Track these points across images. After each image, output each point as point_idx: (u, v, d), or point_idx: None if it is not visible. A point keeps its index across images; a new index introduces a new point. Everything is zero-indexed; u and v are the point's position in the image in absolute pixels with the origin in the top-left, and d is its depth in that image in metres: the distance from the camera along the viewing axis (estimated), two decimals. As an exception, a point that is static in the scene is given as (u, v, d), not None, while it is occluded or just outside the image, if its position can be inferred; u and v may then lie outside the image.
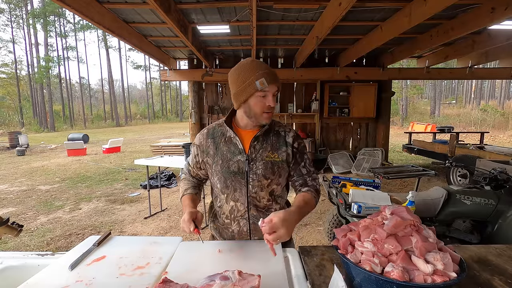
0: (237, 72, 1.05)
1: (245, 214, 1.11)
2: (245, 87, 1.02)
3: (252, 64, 1.04)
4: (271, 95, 1.03)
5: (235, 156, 1.09)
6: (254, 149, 1.09)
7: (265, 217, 1.07)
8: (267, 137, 1.12)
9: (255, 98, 1.03)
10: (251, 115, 1.07)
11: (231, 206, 1.12)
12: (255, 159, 1.08)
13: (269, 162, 1.09)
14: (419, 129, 15.89)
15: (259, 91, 1.01)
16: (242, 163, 1.08)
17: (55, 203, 4.76)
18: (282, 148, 1.12)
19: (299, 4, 3.61)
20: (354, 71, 6.26)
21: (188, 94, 7.52)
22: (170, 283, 0.73)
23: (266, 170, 1.08)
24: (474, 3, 3.52)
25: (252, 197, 1.10)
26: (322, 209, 4.20)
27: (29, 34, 29.66)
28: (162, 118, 42.41)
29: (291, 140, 1.14)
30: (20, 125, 26.76)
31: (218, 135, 1.14)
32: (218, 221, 1.19)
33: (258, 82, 0.99)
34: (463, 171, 5.11)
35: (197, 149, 1.16)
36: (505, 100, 30.25)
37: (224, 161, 1.09)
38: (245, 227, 1.12)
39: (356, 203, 2.15)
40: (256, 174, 1.08)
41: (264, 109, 1.04)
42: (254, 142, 1.10)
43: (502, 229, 2.01)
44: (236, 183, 1.09)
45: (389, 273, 0.64)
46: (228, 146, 1.10)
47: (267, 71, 1.02)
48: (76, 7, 2.96)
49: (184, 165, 1.26)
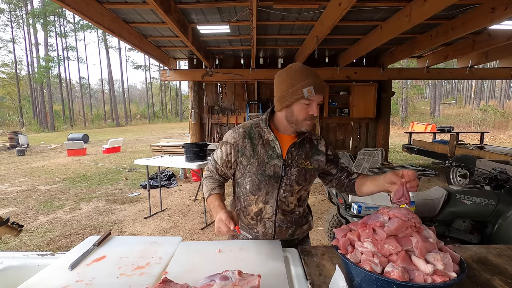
0: (286, 75, 1.04)
1: (272, 217, 1.12)
2: (292, 92, 1.01)
3: (302, 70, 1.02)
4: (315, 104, 1.02)
5: (272, 159, 1.08)
6: (291, 155, 1.10)
7: (290, 220, 1.14)
8: (302, 144, 1.14)
9: (300, 105, 1.02)
10: (292, 120, 1.05)
11: (259, 208, 1.12)
12: (291, 165, 1.09)
13: (303, 169, 1.10)
14: (419, 129, 15.90)
15: (305, 98, 1.00)
16: (279, 167, 1.08)
17: (55, 203, 4.76)
18: (314, 157, 1.14)
19: (299, 4, 3.61)
20: (354, 71, 6.26)
21: (188, 94, 7.52)
22: (170, 283, 0.73)
23: (300, 176, 1.10)
24: (474, 3, 3.52)
25: (281, 201, 1.11)
26: (322, 209, 4.20)
27: (29, 34, 29.67)
28: (162, 118, 42.42)
29: (324, 148, 1.17)
30: (20, 125, 26.77)
31: (255, 136, 1.11)
32: (243, 221, 1.17)
33: (306, 90, 0.98)
34: (463, 171, 5.11)
35: (231, 148, 1.11)
36: (505, 100, 30.25)
37: (260, 164, 1.08)
38: (271, 229, 1.13)
39: (356, 203, 2.15)
40: (290, 179, 1.09)
41: (306, 117, 1.03)
42: (292, 148, 1.10)
43: (502, 229, 2.01)
44: (269, 187, 1.09)
45: (389, 273, 0.63)
46: (266, 149, 1.09)
47: (316, 80, 1.00)
48: (76, 7, 2.96)
49: (209, 162, 1.21)
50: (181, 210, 4.27)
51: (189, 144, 3.80)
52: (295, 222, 1.15)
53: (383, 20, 4.21)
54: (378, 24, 4.34)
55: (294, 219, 1.15)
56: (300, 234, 1.19)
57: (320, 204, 4.42)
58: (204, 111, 6.68)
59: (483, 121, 19.18)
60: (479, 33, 4.66)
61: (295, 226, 1.15)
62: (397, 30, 3.83)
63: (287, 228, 1.14)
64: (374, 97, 6.43)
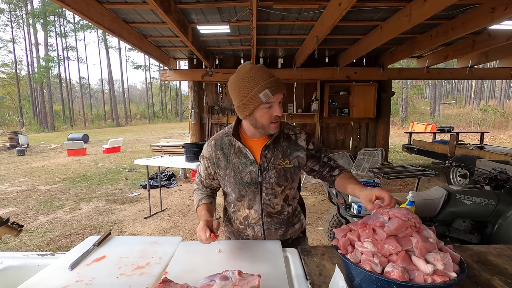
0: (238, 83, 0.99)
1: (259, 221, 1.11)
2: (249, 100, 0.96)
3: (252, 73, 0.96)
4: (277, 104, 0.99)
5: (247, 167, 1.06)
6: (265, 158, 1.06)
7: (278, 221, 1.12)
8: (277, 143, 1.09)
9: (261, 110, 0.98)
10: (258, 126, 1.02)
11: (246, 213, 1.13)
12: (267, 168, 1.06)
13: (282, 170, 1.07)
14: (419, 129, 15.89)
15: (264, 103, 0.96)
16: (255, 173, 1.06)
17: (55, 203, 4.76)
18: (294, 154, 1.09)
19: (299, 4, 3.61)
20: (354, 71, 6.26)
21: (188, 94, 7.52)
22: (170, 283, 0.73)
23: (279, 178, 1.06)
24: (474, 3, 3.52)
25: (266, 204, 1.10)
26: (322, 209, 4.20)
27: (29, 34, 29.67)
28: (162, 118, 42.41)
29: (304, 143, 1.11)
30: (20, 125, 26.77)
31: (226, 146, 1.10)
32: (232, 225, 1.20)
33: (262, 95, 0.94)
34: (463, 171, 5.11)
35: (207, 161, 1.13)
36: (505, 100, 30.24)
37: (236, 173, 1.07)
38: (260, 232, 1.13)
39: (356, 203, 2.15)
40: (269, 183, 1.07)
41: (271, 120, 1.00)
42: (264, 151, 1.06)
43: (502, 229, 2.01)
44: (250, 193, 1.09)
45: (389, 273, 0.64)
46: (239, 158, 1.07)
47: (270, 80, 0.95)
48: (76, 7, 2.96)
49: (196, 175, 1.24)
50: (181, 210, 4.27)
51: (189, 144, 3.80)
52: (284, 222, 1.13)
53: (383, 20, 4.21)
54: (378, 24, 4.34)
55: (282, 220, 1.13)
56: (292, 234, 1.17)
57: (320, 204, 4.42)
58: (204, 111, 6.68)
59: (483, 121, 19.18)
60: (479, 33, 4.66)
61: (285, 226, 1.13)
62: (397, 30, 3.83)
63: (276, 229, 1.12)
64: (374, 97, 6.43)
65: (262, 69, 0.98)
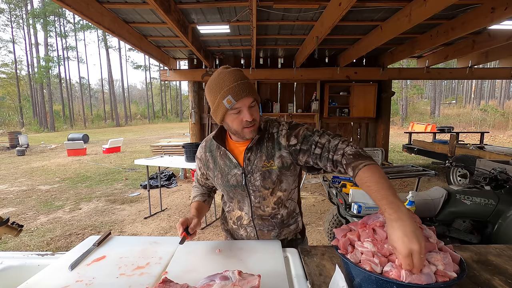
0: (207, 90, 0.97)
1: (250, 223, 1.11)
2: (216, 107, 0.94)
3: (219, 79, 0.93)
4: (245, 109, 0.92)
5: (231, 169, 1.05)
6: (248, 161, 1.02)
7: (270, 223, 1.09)
8: (261, 144, 1.02)
9: (230, 117, 0.94)
10: (233, 131, 1.00)
11: (238, 214, 1.13)
12: (251, 171, 1.02)
13: (266, 172, 1.01)
14: (419, 129, 15.90)
15: (230, 109, 0.92)
16: (239, 176, 1.04)
17: (55, 203, 4.76)
18: (277, 154, 1.01)
19: (299, 4, 3.61)
20: (354, 71, 6.25)
21: (188, 94, 7.52)
22: (170, 283, 0.73)
23: (265, 180, 1.01)
24: (474, 3, 3.52)
25: (256, 207, 1.07)
26: (322, 209, 4.20)
27: (29, 34, 29.68)
28: (162, 118, 42.43)
29: (284, 140, 1.00)
30: (20, 125, 26.78)
31: (214, 148, 1.10)
32: (228, 224, 1.21)
33: (226, 101, 0.90)
34: (463, 171, 5.11)
35: (200, 162, 1.16)
36: (505, 100, 30.25)
37: (223, 175, 1.07)
38: (252, 233, 1.13)
39: (356, 203, 2.15)
40: (254, 185, 1.03)
41: (243, 125, 0.95)
42: (247, 154, 1.02)
43: (502, 229, 2.01)
44: (238, 195, 1.08)
45: (388, 273, 0.64)
46: (224, 160, 1.07)
47: (233, 85, 0.90)
48: (76, 7, 2.96)
49: (195, 172, 1.26)
50: (181, 210, 4.27)
51: (189, 144, 3.80)
52: (278, 225, 1.10)
53: (383, 20, 4.21)
54: (378, 24, 4.34)
55: (275, 223, 1.09)
56: (287, 234, 1.13)
57: (320, 204, 4.42)
58: (204, 111, 6.68)
59: (483, 121, 19.19)
60: (479, 33, 4.66)
61: (278, 228, 1.10)
62: (397, 30, 3.83)
63: (269, 231, 1.10)
64: (374, 97, 6.43)
65: (230, 73, 0.93)
